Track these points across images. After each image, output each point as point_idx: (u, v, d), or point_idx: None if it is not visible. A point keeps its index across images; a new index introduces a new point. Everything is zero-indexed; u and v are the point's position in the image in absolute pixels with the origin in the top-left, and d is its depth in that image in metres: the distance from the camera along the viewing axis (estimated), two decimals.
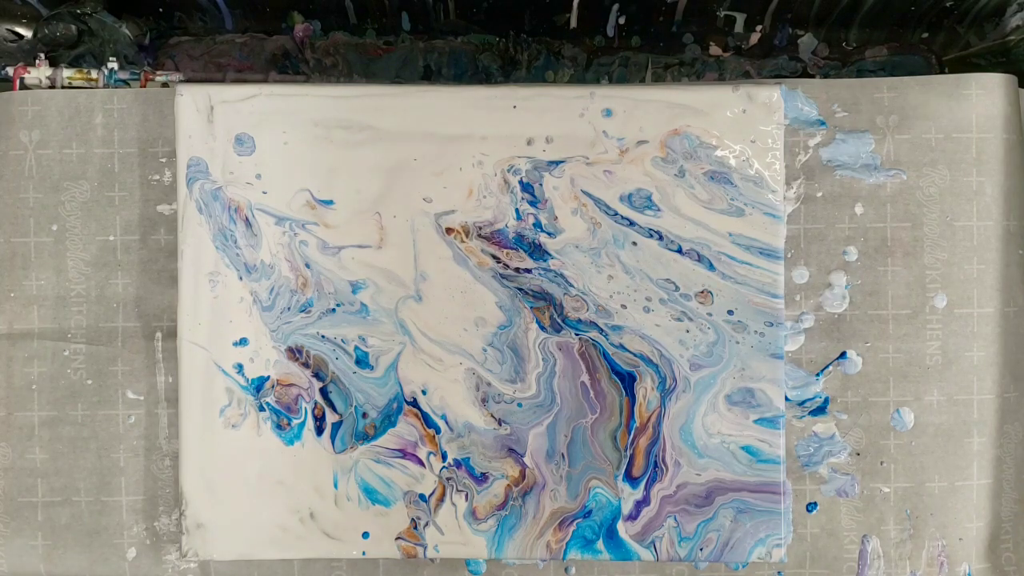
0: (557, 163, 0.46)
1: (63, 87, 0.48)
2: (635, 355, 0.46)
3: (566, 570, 0.47)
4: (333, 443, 0.46)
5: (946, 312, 0.47)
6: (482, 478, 0.46)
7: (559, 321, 0.46)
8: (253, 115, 0.45)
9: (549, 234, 0.46)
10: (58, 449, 0.47)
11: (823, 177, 0.47)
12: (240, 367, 0.45)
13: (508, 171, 0.46)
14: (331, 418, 0.46)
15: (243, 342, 0.46)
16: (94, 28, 0.51)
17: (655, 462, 0.46)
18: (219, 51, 0.53)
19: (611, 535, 0.46)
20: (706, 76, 0.53)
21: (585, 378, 0.46)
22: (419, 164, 0.46)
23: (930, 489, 0.47)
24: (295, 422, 0.46)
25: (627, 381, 0.46)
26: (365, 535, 0.46)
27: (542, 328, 0.46)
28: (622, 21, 0.53)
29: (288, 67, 0.53)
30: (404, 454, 0.46)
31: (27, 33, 0.51)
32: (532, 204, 0.46)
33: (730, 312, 0.45)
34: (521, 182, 0.46)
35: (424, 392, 0.46)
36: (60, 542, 0.47)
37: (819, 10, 0.52)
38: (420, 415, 0.46)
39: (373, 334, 0.46)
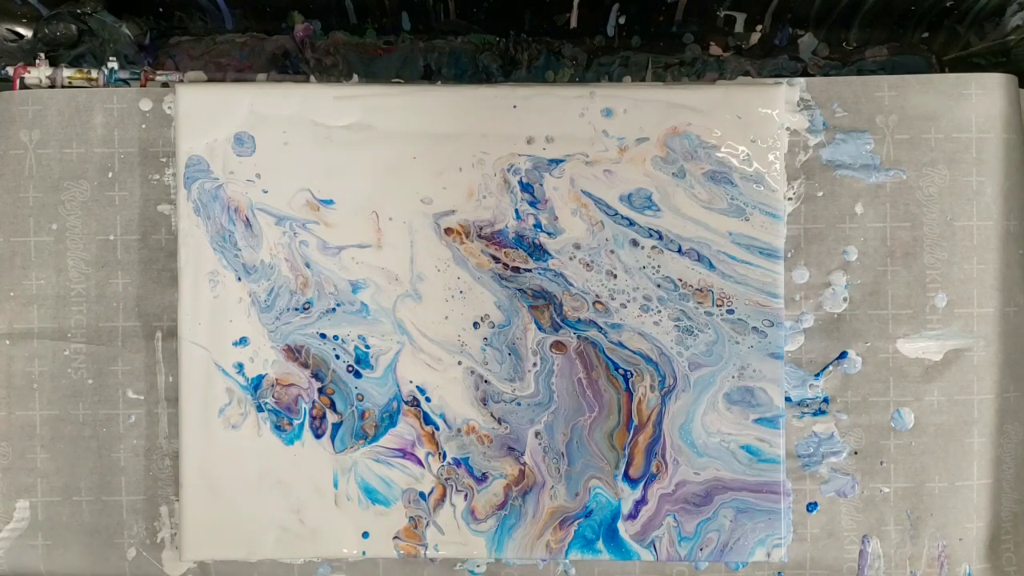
0: (557, 162, 0.46)
1: (63, 87, 0.48)
2: (634, 353, 0.46)
3: (566, 570, 0.47)
4: (333, 443, 0.46)
5: (946, 312, 0.47)
6: (482, 478, 0.46)
7: (558, 321, 0.46)
8: (253, 115, 0.45)
9: (549, 234, 0.46)
10: (59, 448, 0.47)
11: (823, 177, 0.47)
12: (240, 367, 0.46)
13: (508, 171, 0.46)
14: (331, 418, 0.46)
15: (243, 342, 0.46)
16: (94, 28, 0.51)
17: (654, 461, 0.46)
18: (219, 51, 0.53)
19: (611, 535, 0.46)
20: (706, 76, 0.53)
21: (582, 376, 0.46)
22: (419, 163, 0.46)
23: (930, 489, 0.47)
24: (295, 422, 0.46)
25: (626, 379, 0.46)
26: (365, 535, 0.46)
27: (540, 328, 0.46)
28: (622, 21, 0.53)
29: (288, 67, 0.53)
30: (404, 454, 0.46)
31: (27, 33, 0.51)
32: (532, 204, 0.46)
33: (730, 311, 0.45)
34: (521, 182, 0.46)
35: (423, 392, 0.46)
36: (60, 542, 0.47)
37: (819, 10, 0.52)
38: (420, 415, 0.46)
39: (373, 334, 0.46)
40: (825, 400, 0.47)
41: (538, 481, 0.46)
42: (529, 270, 0.46)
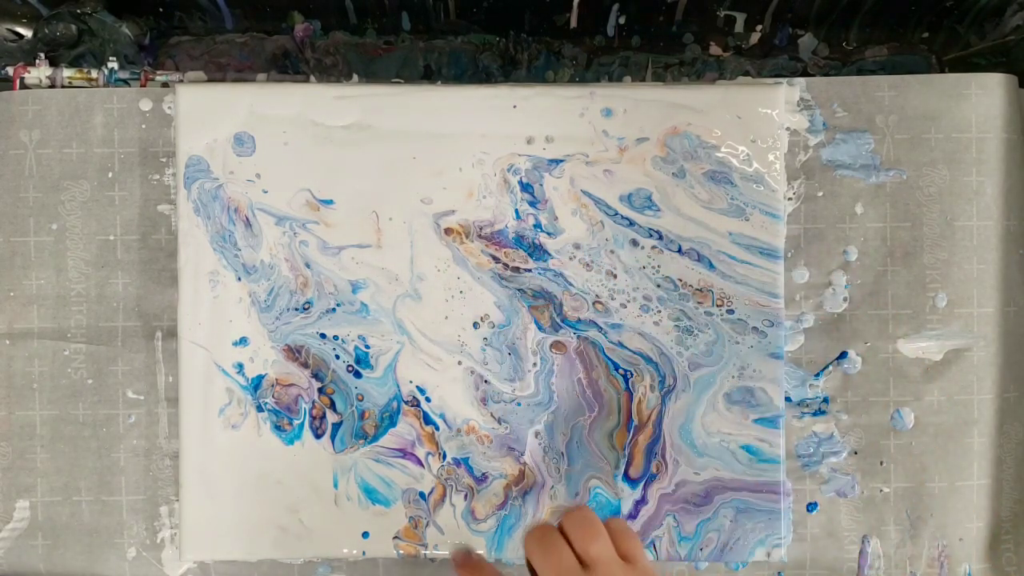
0: (557, 162, 0.46)
1: (63, 87, 0.48)
2: (634, 353, 0.46)
3: None
4: (333, 443, 0.46)
5: (946, 312, 0.47)
6: (482, 478, 0.46)
7: (558, 321, 0.46)
8: (253, 115, 0.45)
9: (549, 234, 0.46)
10: (58, 448, 0.47)
11: (823, 177, 0.47)
12: (240, 367, 0.46)
13: (508, 171, 0.46)
14: (331, 418, 0.46)
15: (243, 342, 0.46)
16: (94, 28, 0.51)
17: (654, 461, 0.45)
18: (219, 51, 0.53)
19: None
20: (706, 76, 0.53)
21: (582, 376, 0.46)
22: (419, 163, 0.46)
23: (930, 489, 0.47)
24: (295, 422, 0.46)
25: (626, 379, 0.46)
26: (365, 535, 0.46)
27: (540, 328, 0.46)
28: (622, 21, 0.53)
29: (288, 67, 0.53)
30: (404, 454, 0.46)
31: (27, 33, 0.51)
32: (532, 204, 0.46)
33: (730, 311, 0.45)
34: (521, 182, 0.46)
35: (423, 392, 0.46)
36: (60, 542, 0.47)
37: (819, 10, 0.52)
38: (420, 415, 0.46)
39: (373, 334, 0.46)
40: (825, 400, 0.47)
41: (538, 481, 0.46)
42: (529, 270, 0.46)
